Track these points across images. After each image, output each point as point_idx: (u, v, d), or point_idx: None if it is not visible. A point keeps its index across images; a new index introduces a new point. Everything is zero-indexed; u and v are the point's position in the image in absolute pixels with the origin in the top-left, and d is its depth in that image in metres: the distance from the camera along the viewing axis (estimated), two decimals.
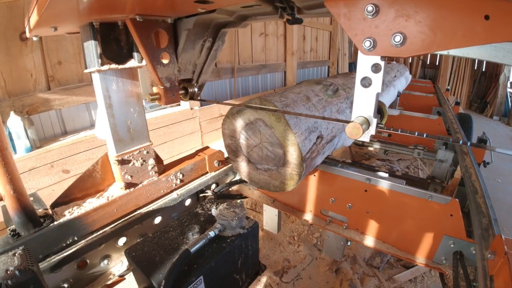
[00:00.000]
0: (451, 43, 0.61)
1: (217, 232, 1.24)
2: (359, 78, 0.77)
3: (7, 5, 2.53)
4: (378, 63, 0.73)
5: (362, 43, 0.71)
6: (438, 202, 1.42)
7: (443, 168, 2.12)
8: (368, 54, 0.73)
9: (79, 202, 1.52)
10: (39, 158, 2.67)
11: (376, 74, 0.75)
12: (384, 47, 0.69)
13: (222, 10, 1.24)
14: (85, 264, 1.42)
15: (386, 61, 0.74)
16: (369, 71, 0.75)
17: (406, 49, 0.67)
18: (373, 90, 0.76)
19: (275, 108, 1.26)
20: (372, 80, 0.76)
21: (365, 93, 0.78)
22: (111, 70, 1.43)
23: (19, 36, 2.64)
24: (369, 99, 0.78)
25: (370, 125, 0.79)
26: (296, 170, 1.33)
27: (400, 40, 0.66)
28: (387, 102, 2.62)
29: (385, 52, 0.70)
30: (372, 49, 0.71)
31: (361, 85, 0.78)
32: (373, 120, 0.79)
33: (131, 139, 1.60)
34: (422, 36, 0.64)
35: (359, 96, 0.79)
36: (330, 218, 1.84)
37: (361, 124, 0.75)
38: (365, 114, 0.79)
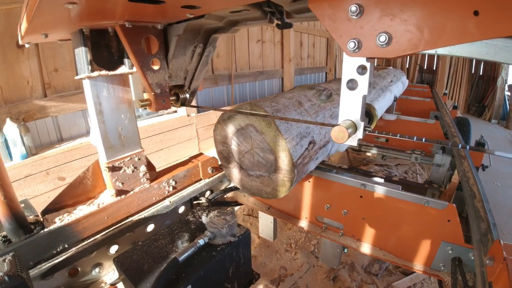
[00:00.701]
0: (439, 42, 0.60)
1: (207, 240, 1.22)
2: (345, 80, 0.76)
3: (4, 12, 2.54)
4: (364, 65, 0.72)
5: (346, 44, 0.69)
6: (435, 208, 1.39)
7: (441, 172, 2.10)
8: (353, 56, 0.71)
9: (69, 209, 1.50)
10: (35, 165, 2.65)
11: (362, 76, 0.73)
12: (369, 48, 0.68)
13: (211, 16, 1.23)
14: (77, 272, 1.40)
15: (372, 63, 0.73)
16: (354, 73, 0.74)
17: (392, 49, 0.65)
18: (359, 92, 0.75)
19: (263, 113, 1.24)
20: (358, 82, 0.74)
21: (351, 96, 0.76)
22: (101, 77, 1.42)
23: (15, 43, 2.65)
24: (356, 102, 0.76)
25: (357, 129, 0.77)
26: (287, 176, 1.30)
27: (386, 40, 0.64)
28: (383, 107, 2.60)
29: (370, 53, 0.68)
30: (357, 50, 0.69)
31: (347, 87, 0.76)
32: (360, 123, 0.76)
33: (122, 145, 1.58)
34: (408, 35, 0.62)
35: (345, 99, 0.78)
36: (326, 225, 1.81)
37: (347, 127, 0.73)
38: (352, 118, 0.77)
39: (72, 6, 0.89)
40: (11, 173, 2.51)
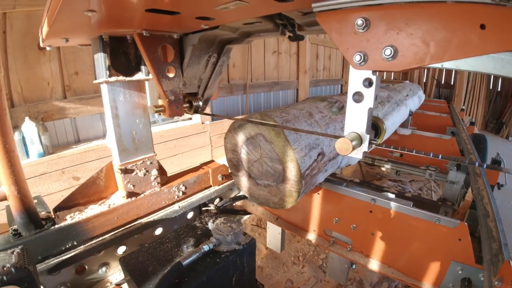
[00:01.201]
0: (445, 55, 0.59)
1: (211, 247, 1.22)
2: (351, 93, 0.76)
3: (26, 14, 2.67)
4: (370, 78, 0.72)
5: (353, 57, 0.70)
6: (446, 226, 1.35)
7: (455, 190, 2.03)
8: (359, 69, 0.72)
9: (81, 208, 1.55)
10: (51, 164, 2.75)
11: (368, 89, 0.73)
12: (375, 61, 0.68)
13: (225, 27, 1.27)
14: (83, 270, 1.43)
15: (378, 76, 0.73)
16: (360, 85, 0.74)
17: (398, 62, 0.66)
18: (365, 105, 0.75)
19: (272, 123, 1.26)
20: (364, 95, 0.74)
21: (357, 108, 0.76)
22: (118, 82, 1.48)
23: (37, 45, 2.79)
24: (361, 115, 0.76)
25: (363, 142, 0.77)
26: (295, 187, 1.30)
27: (391, 53, 0.64)
28: (397, 121, 2.56)
29: (376, 66, 0.69)
30: (363, 63, 0.70)
31: (353, 100, 0.76)
32: (366, 136, 0.76)
33: (135, 149, 1.62)
34: (414, 48, 0.62)
35: (351, 112, 0.78)
36: (334, 239, 1.77)
37: (352, 140, 0.73)
38: (357, 130, 0.77)
39: (91, 13, 0.94)
40: (27, 170, 2.61)
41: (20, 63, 2.72)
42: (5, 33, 2.60)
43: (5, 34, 2.61)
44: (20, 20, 2.64)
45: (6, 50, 2.63)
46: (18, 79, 2.72)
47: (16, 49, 2.67)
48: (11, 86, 2.69)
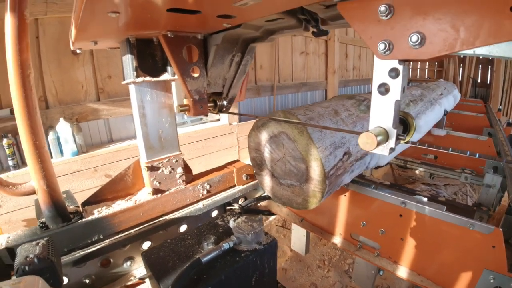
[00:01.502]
0: (476, 41, 0.54)
1: (231, 245, 1.21)
2: (376, 84, 0.71)
3: (59, 20, 2.84)
4: (397, 68, 0.67)
5: (377, 46, 0.66)
6: (480, 232, 1.24)
7: (491, 194, 1.86)
8: (384, 58, 0.67)
9: (108, 203, 1.61)
10: (84, 162, 2.91)
11: (394, 80, 0.68)
12: (401, 49, 0.63)
13: (247, 25, 1.27)
14: (109, 263, 1.48)
15: (405, 66, 0.68)
16: (386, 77, 0.69)
17: (426, 50, 0.60)
18: (391, 97, 0.70)
19: (293, 120, 1.23)
20: (390, 86, 0.69)
21: (383, 101, 0.72)
22: (145, 82, 1.53)
23: (71, 50, 2.98)
24: (388, 108, 0.71)
25: (389, 137, 0.72)
26: (318, 187, 1.26)
27: (418, 40, 0.60)
28: (431, 120, 2.40)
29: (402, 55, 0.64)
30: (389, 53, 0.65)
31: (379, 92, 0.72)
32: (393, 131, 0.71)
33: (161, 147, 1.67)
34: (443, 34, 0.57)
35: (376, 105, 0.73)
36: (361, 243, 1.69)
37: (377, 135, 0.69)
38: (383, 125, 0.72)
39: (115, 15, 0.97)
40: (61, 168, 2.78)
41: (54, 67, 2.90)
42: (38, 38, 2.79)
43: (38, 39, 2.80)
44: (52, 26, 2.82)
45: (40, 54, 2.82)
46: (53, 82, 2.91)
47: (49, 54, 2.85)
48: (46, 89, 2.88)
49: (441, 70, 10.02)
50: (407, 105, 2.14)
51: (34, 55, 2.80)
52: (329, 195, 1.37)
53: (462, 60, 9.55)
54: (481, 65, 9.28)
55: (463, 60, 9.53)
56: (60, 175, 2.81)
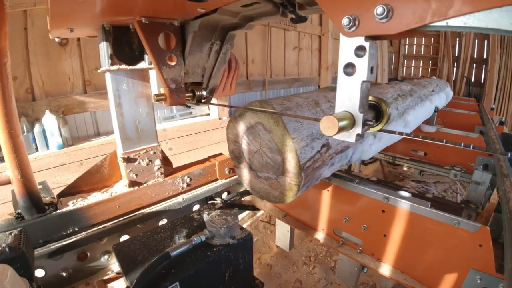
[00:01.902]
0: (449, 10, 0.49)
1: (203, 239, 1.17)
2: (342, 65, 0.67)
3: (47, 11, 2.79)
4: (363, 45, 0.62)
5: (341, 22, 0.61)
6: (466, 230, 1.20)
7: (479, 191, 1.83)
8: (350, 36, 0.63)
9: (84, 195, 1.57)
10: (70, 156, 2.85)
11: (360, 59, 0.63)
12: (367, 24, 0.59)
13: (224, 11, 1.22)
14: (86, 257, 1.45)
15: (372, 43, 0.63)
16: (352, 56, 0.64)
17: (394, 24, 0.56)
18: (357, 78, 0.65)
19: (257, 109, 1.18)
20: (356, 66, 0.65)
21: (349, 82, 0.67)
22: (121, 71, 1.48)
23: (58, 42, 2.89)
24: (353, 90, 0.66)
25: (356, 123, 0.67)
26: (294, 180, 1.21)
27: (384, 12, 0.55)
28: (420, 116, 2.36)
29: (368, 31, 0.59)
30: (354, 28, 0.60)
31: (344, 73, 0.67)
32: (359, 115, 0.66)
33: (138, 138, 1.62)
34: (412, 5, 0.53)
35: (342, 87, 0.68)
36: (343, 240, 1.66)
37: (340, 119, 0.64)
38: (349, 109, 0.68)
39: None
40: (46, 161, 2.72)
41: (41, 59, 2.83)
42: (26, 30, 2.71)
43: (26, 31, 2.72)
44: (41, 17, 2.74)
45: (28, 46, 2.74)
46: (40, 74, 2.83)
47: (37, 45, 2.78)
48: (33, 81, 2.81)
49: (435, 68, 10.01)
50: (395, 100, 2.09)
51: (22, 46, 2.73)
52: (306, 188, 1.32)
53: (457, 59, 9.53)
54: (475, 65, 9.25)
55: (457, 59, 9.51)
56: (46, 169, 2.76)
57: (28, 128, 2.72)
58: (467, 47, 9.15)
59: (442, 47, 9.70)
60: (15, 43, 2.68)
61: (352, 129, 0.67)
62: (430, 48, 10.24)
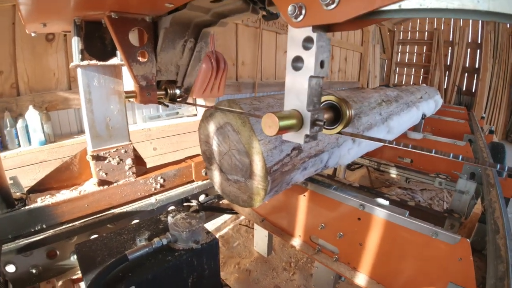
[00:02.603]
0: None
1: (165, 242, 1.12)
2: (290, 58, 0.62)
3: None
4: (310, 36, 0.58)
5: (287, 11, 0.57)
6: (445, 242, 1.14)
7: (463, 200, 1.78)
8: (297, 26, 0.58)
9: (53, 192, 1.54)
10: (51, 152, 2.79)
11: (308, 52, 0.59)
12: (313, 12, 0.54)
13: (194, 7, 1.18)
14: (55, 255, 1.43)
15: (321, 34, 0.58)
16: (300, 48, 0.60)
17: (340, 10, 0.51)
18: (305, 73, 0.61)
19: (224, 108, 1.14)
20: (304, 60, 0.60)
21: (297, 78, 0.62)
22: (92, 66, 1.44)
23: (45, 36, 2.85)
24: (302, 86, 0.62)
25: (304, 122, 0.63)
26: (261, 183, 1.16)
27: None
28: (405, 122, 2.33)
29: (315, 20, 0.55)
30: (301, 18, 0.56)
31: (292, 68, 0.62)
32: (307, 114, 0.62)
33: (109, 136, 1.57)
34: None
35: (290, 83, 0.64)
36: (320, 247, 1.60)
37: (282, 117, 0.59)
38: (297, 107, 0.63)
39: None
40: (28, 157, 2.67)
41: (27, 54, 2.78)
42: (14, 24, 2.68)
43: (14, 26, 2.68)
44: None
45: (15, 40, 2.71)
46: (25, 69, 2.79)
47: (24, 40, 2.74)
48: (18, 76, 2.77)
49: (427, 77, 10.07)
50: (378, 104, 2.06)
51: (9, 41, 2.69)
52: (275, 193, 1.28)
53: (448, 68, 9.59)
54: (467, 73, 9.32)
55: (449, 68, 9.57)
56: (27, 165, 2.70)
57: (12, 123, 2.68)
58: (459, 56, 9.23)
59: (434, 55, 9.78)
60: (3, 38, 2.64)
61: (301, 129, 0.63)
62: (423, 56, 10.33)
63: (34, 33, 1.57)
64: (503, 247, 1.20)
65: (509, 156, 3.10)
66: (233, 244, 2.65)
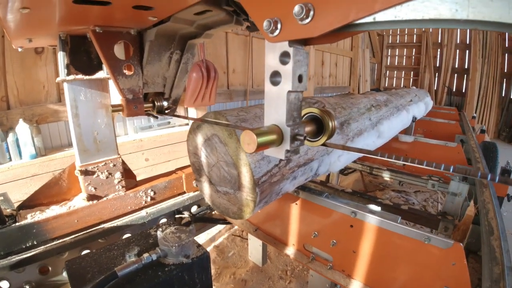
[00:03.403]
0: (375, 4, 0.44)
1: (155, 258, 1.10)
2: (268, 73, 0.62)
3: None
4: (287, 51, 0.58)
5: (262, 26, 0.57)
6: (438, 246, 1.14)
7: (456, 202, 1.78)
8: (273, 41, 0.58)
9: (43, 208, 1.53)
10: (42, 166, 2.75)
11: (285, 67, 0.59)
12: (289, 27, 0.54)
13: (178, 19, 1.18)
14: (47, 271, 1.41)
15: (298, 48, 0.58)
16: (277, 63, 0.60)
17: (315, 25, 0.51)
18: (283, 88, 0.60)
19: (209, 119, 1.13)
20: (282, 74, 0.60)
21: (275, 92, 0.62)
22: (79, 81, 1.43)
23: (34, 49, 2.84)
24: (280, 101, 0.61)
25: (284, 137, 0.62)
26: (250, 195, 1.15)
27: (303, 12, 0.50)
28: (395, 126, 2.35)
29: (291, 35, 0.55)
30: (277, 32, 0.56)
31: (271, 82, 0.62)
32: (286, 129, 0.61)
33: (97, 150, 1.56)
34: (334, 1, 0.48)
35: (268, 98, 0.64)
36: (314, 255, 1.59)
37: (260, 133, 0.58)
38: (277, 121, 0.63)
39: (26, 10, 0.91)
40: (19, 171, 2.63)
41: (17, 66, 2.76)
42: (3, 37, 2.66)
43: (4, 38, 2.66)
44: None
45: (4, 53, 2.68)
46: (15, 82, 2.76)
47: (13, 52, 2.71)
48: (8, 89, 2.74)
49: (417, 79, 10.20)
50: (368, 110, 2.08)
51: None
52: (265, 204, 1.27)
53: (438, 69, 9.71)
54: (456, 74, 9.44)
55: (438, 69, 9.69)
56: (18, 179, 2.66)
57: (2, 137, 2.65)
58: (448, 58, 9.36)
59: (424, 57, 9.91)
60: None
61: (281, 144, 0.63)
62: (412, 59, 10.47)
63: (21, 48, 1.55)
64: (497, 249, 1.20)
65: (501, 155, 3.11)
66: (228, 254, 2.62)
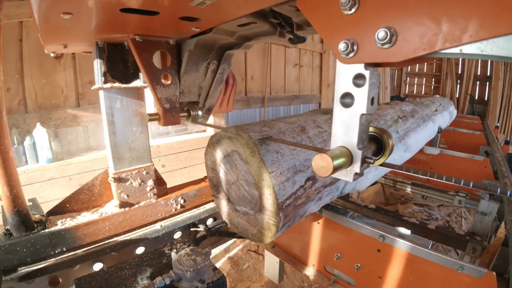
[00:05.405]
0: (463, 36, 0.43)
1: (168, 282, 1.02)
2: (338, 95, 0.61)
3: None
4: (362, 74, 0.56)
5: (337, 47, 0.55)
6: (470, 275, 1.08)
7: (486, 222, 1.71)
8: (347, 62, 0.57)
9: (74, 214, 1.52)
10: (59, 170, 2.77)
11: (359, 89, 0.57)
12: (366, 50, 0.53)
13: (220, 30, 1.18)
14: (57, 283, 1.36)
15: (373, 71, 0.57)
16: (350, 85, 0.58)
17: (398, 50, 0.50)
18: (356, 110, 0.59)
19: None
20: (355, 97, 0.59)
21: (346, 115, 0.60)
22: (114, 89, 1.44)
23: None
24: (351, 123, 0.60)
25: (354, 161, 0.60)
26: (273, 219, 1.07)
27: (387, 37, 0.49)
28: (423, 138, 2.28)
29: (369, 57, 0.53)
30: (352, 55, 0.55)
31: (341, 104, 0.61)
32: (357, 153, 0.60)
33: (131, 158, 1.56)
34: (419, 29, 0.46)
35: (338, 120, 0.62)
36: (335, 278, 1.51)
37: (335, 157, 0.57)
38: (347, 144, 0.61)
39: (68, 16, 0.90)
40: (35, 175, 2.65)
41: (35, 71, 2.80)
42: (21, 41, 2.70)
43: (21, 42, 2.70)
44: (35, 30, 2.75)
45: (22, 57, 2.72)
46: (33, 86, 2.80)
47: (32, 57, 2.75)
48: (26, 93, 2.77)
49: (438, 86, 9.97)
50: (395, 122, 2.03)
51: (17, 58, 2.70)
52: (288, 227, 1.18)
53: (460, 77, 9.46)
54: (479, 82, 9.16)
55: (460, 77, 9.44)
56: (34, 182, 2.69)
57: (19, 140, 2.68)
58: (470, 65, 9.09)
59: (445, 64, 9.63)
60: (10, 54, 2.65)
61: (350, 167, 0.61)
62: (433, 66, 10.18)
63: (53, 53, 1.58)
64: None
65: None
66: (243, 266, 2.57)
